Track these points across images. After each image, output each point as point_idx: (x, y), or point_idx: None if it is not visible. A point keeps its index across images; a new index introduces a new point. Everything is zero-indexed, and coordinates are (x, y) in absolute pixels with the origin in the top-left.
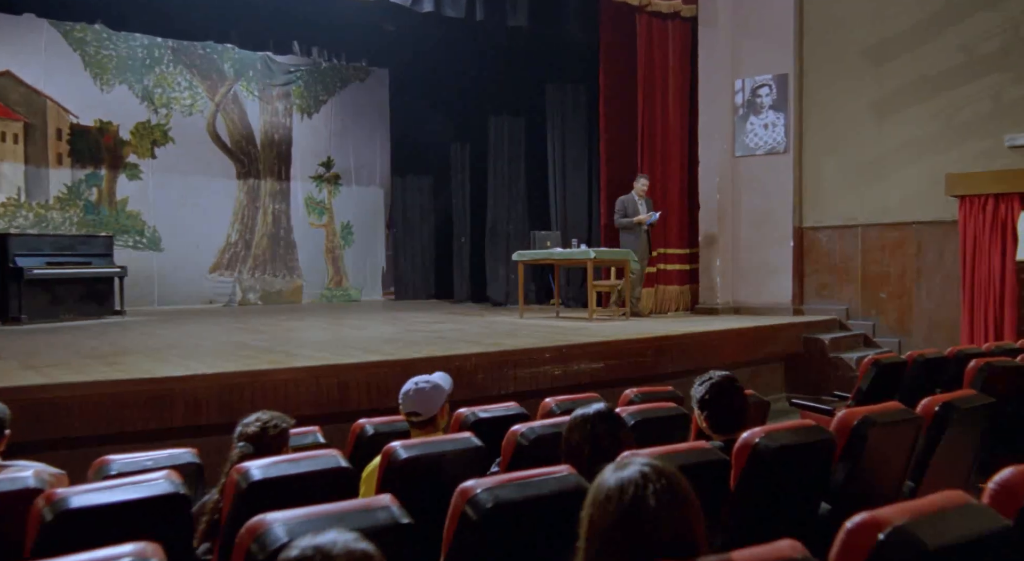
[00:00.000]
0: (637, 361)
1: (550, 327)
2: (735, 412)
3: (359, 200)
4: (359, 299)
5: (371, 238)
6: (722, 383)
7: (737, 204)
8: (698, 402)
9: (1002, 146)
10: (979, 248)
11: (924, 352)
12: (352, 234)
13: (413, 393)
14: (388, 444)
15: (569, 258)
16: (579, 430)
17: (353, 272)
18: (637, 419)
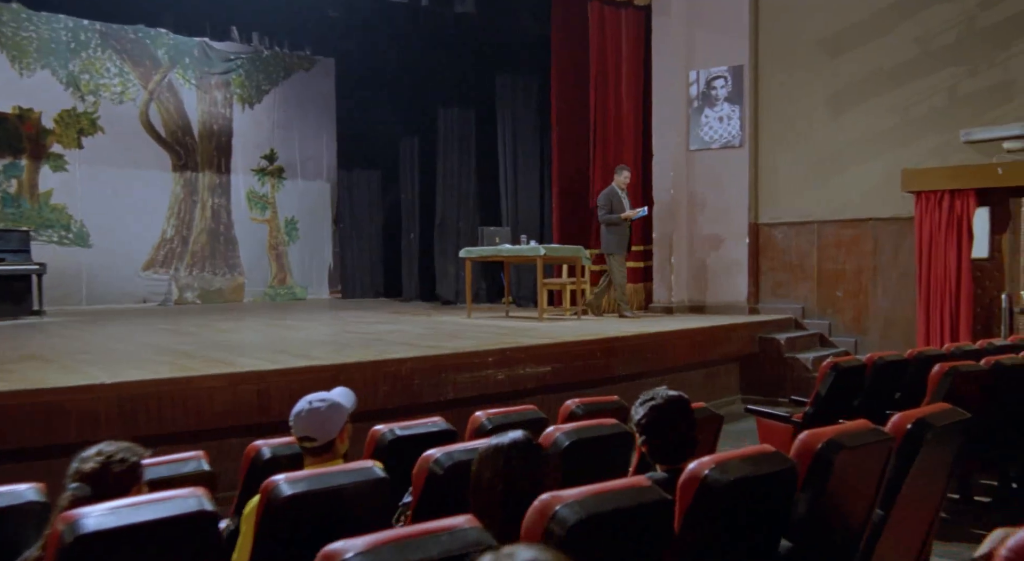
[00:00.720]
0: (586, 364)
1: (497, 328)
2: (681, 440)
3: (304, 194)
4: (304, 297)
5: (317, 234)
6: (665, 406)
7: (692, 200)
8: (638, 427)
9: (958, 141)
10: (935, 245)
11: (884, 355)
12: (297, 230)
13: (306, 414)
14: (271, 478)
15: (518, 255)
16: (490, 465)
17: (298, 269)
18: (572, 440)
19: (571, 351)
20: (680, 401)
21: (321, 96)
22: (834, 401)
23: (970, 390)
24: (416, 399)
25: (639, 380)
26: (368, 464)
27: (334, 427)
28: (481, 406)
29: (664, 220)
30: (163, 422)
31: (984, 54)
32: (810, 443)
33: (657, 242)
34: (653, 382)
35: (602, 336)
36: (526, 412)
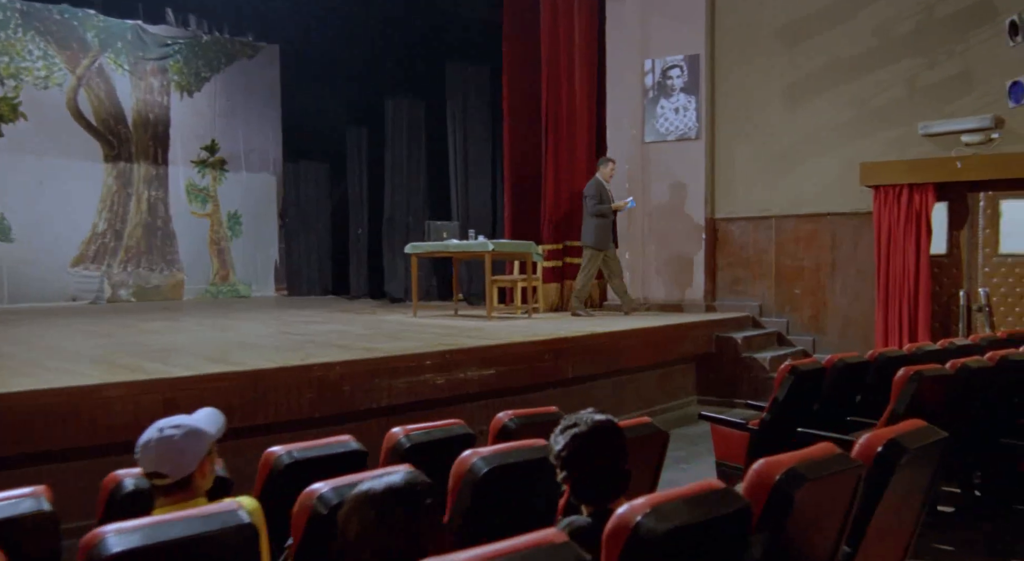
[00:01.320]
0: (533, 366)
1: (443, 327)
2: (609, 474)
3: (248, 188)
4: (249, 295)
5: (262, 229)
6: (589, 433)
7: (647, 194)
8: (557, 460)
9: (916, 134)
10: (893, 241)
11: (844, 356)
12: (240, 225)
13: (155, 444)
14: (98, 529)
15: (466, 251)
16: (358, 518)
17: (242, 266)
18: (492, 466)
19: (517, 353)
20: (607, 427)
21: (266, 85)
22: (793, 406)
23: (935, 395)
24: (347, 407)
25: (591, 382)
26: (231, 507)
27: (191, 459)
28: (419, 413)
29: (618, 215)
30: (50, 438)
31: (943, 45)
32: (766, 475)
33: None
34: (605, 385)
35: (551, 337)
36: (451, 427)
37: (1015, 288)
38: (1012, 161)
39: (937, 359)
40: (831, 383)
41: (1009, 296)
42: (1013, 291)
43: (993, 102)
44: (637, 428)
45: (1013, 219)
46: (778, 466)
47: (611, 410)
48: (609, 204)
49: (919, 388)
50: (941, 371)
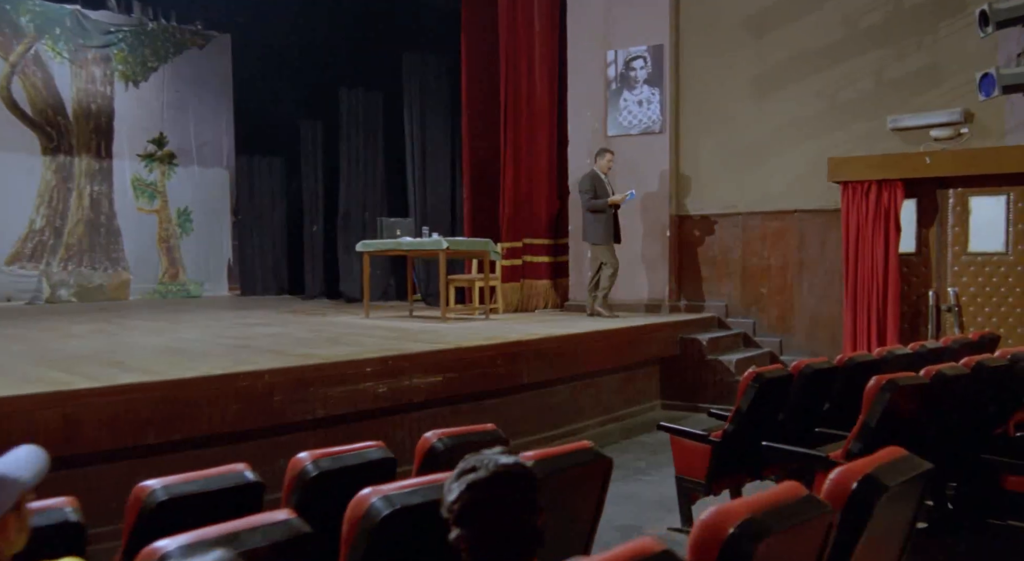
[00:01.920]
0: (486, 372)
1: (393, 330)
2: (515, 535)
3: (200, 183)
4: (199, 295)
5: (214, 226)
6: (491, 481)
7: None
8: (449, 513)
9: (885, 128)
10: (862, 239)
11: (812, 362)
12: (191, 221)
13: None
14: None
15: (419, 249)
16: None
17: (192, 264)
18: (394, 508)
19: (467, 358)
20: (514, 473)
21: (217, 75)
22: (757, 416)
23: (909, 405)
24: (277, 419)
25: (548, 388)
26: None
27: None
28: (358, 425)
29: (579, 211)
30: None
31: (912, 36)
32: (718, 528)
33: (573, 235)
34: (563, 390)
35: (505, 340)
36: (366, 452)
37: (984, 287)
38: (981, 156)
39: (909, 364)
40: (798, 391)
41: (978, 296)
42: (982, 290)
43: (963, 95)
44: (575, 455)
45: (982, 216)
46: (731, 516)
47: (570, 417)
48: (606, 198)
49: (892, 398)
50: (915, 380)
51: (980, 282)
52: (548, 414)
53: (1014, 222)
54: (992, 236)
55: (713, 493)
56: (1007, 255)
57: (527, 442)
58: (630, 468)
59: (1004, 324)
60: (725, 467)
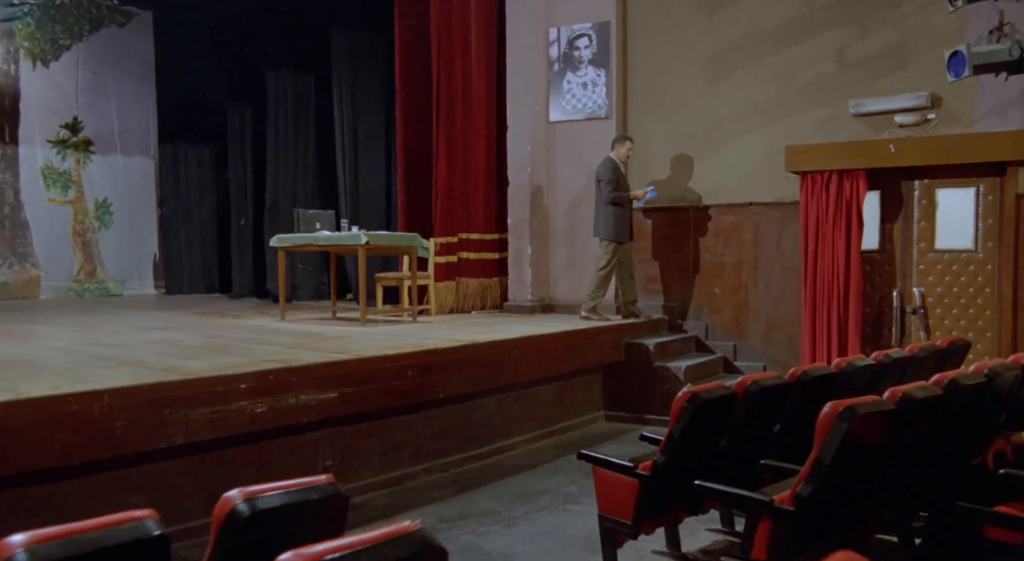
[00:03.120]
0: (392, 386)
1: (302, 335)
2: None
3: (122, 172)
4: (120, 293)
5: (138, 219)
6: None
7: (553, 180)
8: None
9: (847, 113)
10: (822, 234)
11: (759, 378)
12: (111, 214)
13: None
14: None
15: (337, 244)
16: None
17: (113, 261)
18: None
19: (369, 370)
20: None
21: (139, 57)
22: (693, 443)
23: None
24: (120, 448)
25: (471, 401)
26: None
27: None
28: (227, 451)
29: (520, 203)
30: None
31: (875, 12)
32: None
33: (513, 230)
34: (489, 404)
35: (417, 349)
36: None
37: (951, 288)
38: (950, 144)
39: (871, 379)
40: (743, 413)
41: (945, 297)
42: (949, 291)
43: (931, 77)
44: (396, 544)
45: (950, 210)
46: None
47: (496, 433)
48: (627, 191)
49: (850, 429)
50: (878, 405)
51: (947, 282)
52: (470, 431)
53: (983, 217)
54: (960, 232)
55: (644, 532)
56: (976, 253)
57: (444, 463)
58: (558, 495)
59: (973, 327)
60: (656, 504)
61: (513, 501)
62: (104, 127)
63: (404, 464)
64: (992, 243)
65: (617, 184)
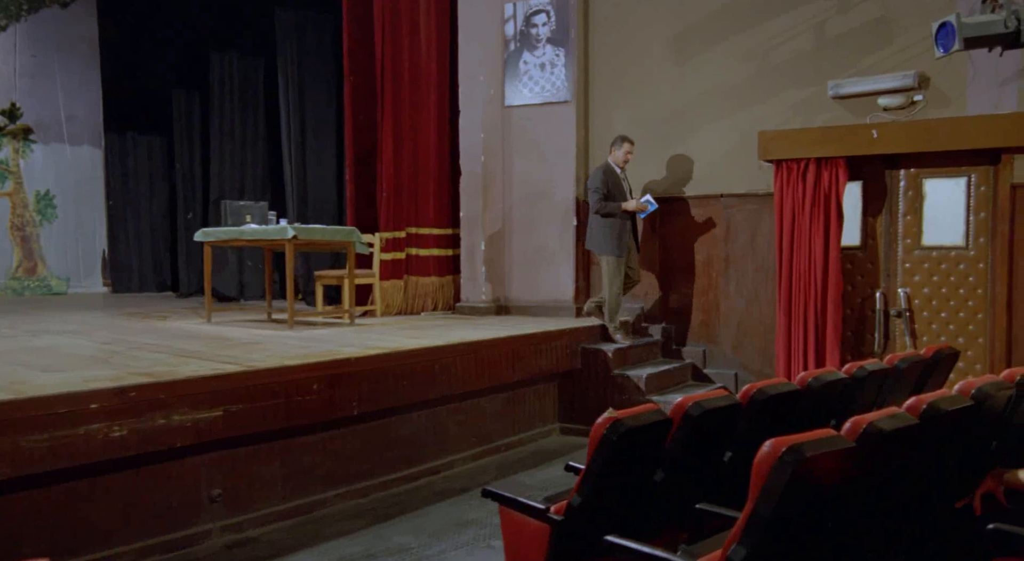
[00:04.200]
0: (292, 401)
1: (210, 340)
2: None
3: (68, 163)
4: (64, 291)
5: (84, 213)
6: None
7: (509, 170)
8: None
9: (825, 96)
10: (798, 229)
11: (702, 400)
12: (54, 207)
13: None
14: None
15: (263, 238)
16: None
17: (56, 257)
18: None
19: (263, 384)
20: None
21: (85, 40)
22: (617, 479)
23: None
24: None
25: (397, 416)
26: None
27: None
28: (79, 482)
29: (473, 195)
30: None
31: None
32: None
33: (465, 224)
34: (419, 419)
35: (324, 358)
36: None
37: (940, 288)
38: (938, 130)
39: (840, 397)
40: (682, 441)
41: (933, 298)
42: (938, 292)
43: (917, 55)
44: None
45: (938, 203)
46: None
47: (429, 451)
48: (620, 201)
49: (796, 474)
50: (833, 443)
51: (935, 282)
52: (397, 450)
53: (975, 210)
54: (950, 227)
55: None
56: (967, 250)
57: (364, 487)
58: (486, 526)
59: (963, 332)
60: (572, 555)
61: (433, 534)
62: (47, 114)
63: (314, 490)
64: (984, 239)
65: (607, 192)
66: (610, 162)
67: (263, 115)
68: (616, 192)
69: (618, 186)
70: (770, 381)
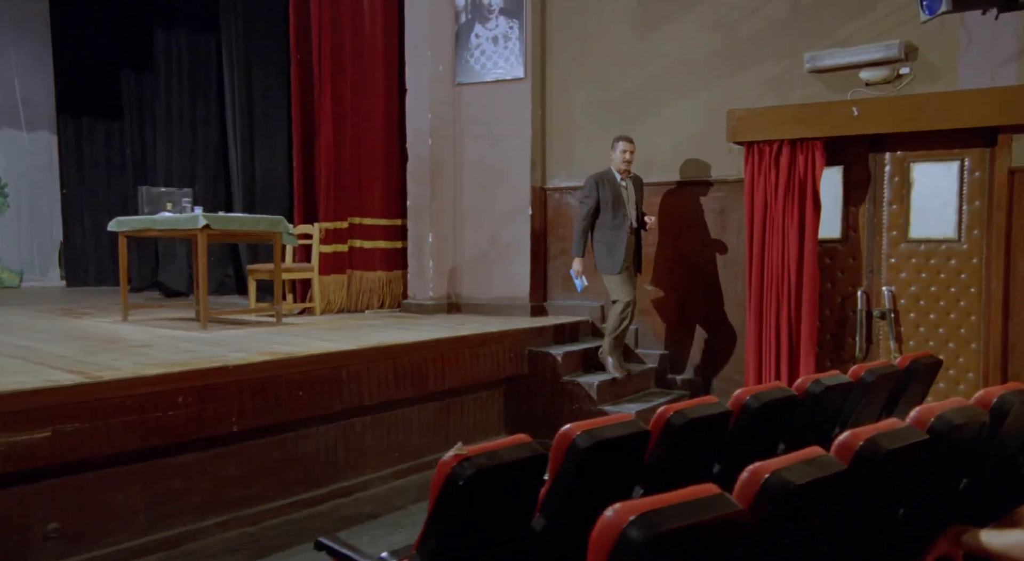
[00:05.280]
0: (151, 419)
1: (94, 342)
2: None
3: (21, 150)
4: (16, 286)
5: (39, 202)
6: None
7: (459, 154)
8: None
9: (801, 69)
10: (770, 220)
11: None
12: (5, 196)
13: None
14: None
15: (174, 228)
16: None
17: (9, 249)
18: None
19: (107, 398)
20: None
21: (37, 18)
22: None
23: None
24: None
25: (287, 433)
26: None
27: None
28: None
29: (420, 182)
30: None
31: None
32: None
33: (412, 213)
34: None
35: (198, 367)
36: None
37: (929, 286)
38: (927, 106)
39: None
40: (564, 481)
41: (921, 297)
42: (926, 290)
43: (904, 22)
44: None
45: (928, 190)
46: None
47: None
48: (610, 213)
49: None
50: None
51: (924, 279)
52: (297, 469)
53: (968, 198)
54: (940, 217)
55: None
56: (959, 243)
57: (252, 514)
58: None
59: (954, 336)
60: None
61: None
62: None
63: (186, 519)
64: (979, 231)
65: (594, 203)
66: (611, 168)
67: (215, 98)
68: (614, 202)
69: (617, 195)
70: (693, 402)
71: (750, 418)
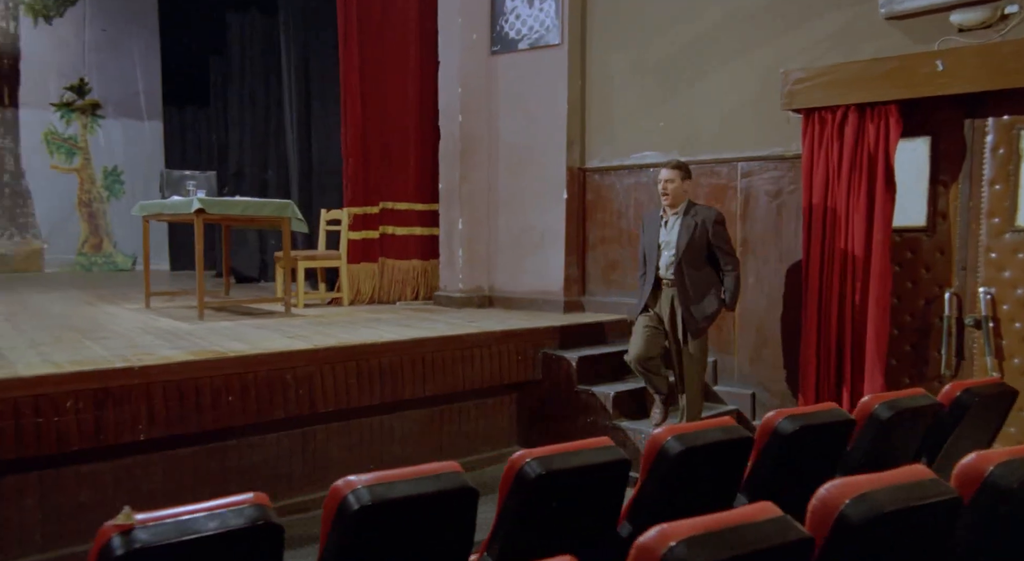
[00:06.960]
0: (28, 424)
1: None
2: None
3: (134, 138)
4: (129, 268)
5: (152, 188)
6: None
7: (494, 132)
8: None
9: (875, 15)
10: (834, 203)
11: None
12: (122, 183)
13: None
14: None
15: (176, 212)
16: None
17: (123, 233)
18: None
19: None
20: None
21: (148, 11)
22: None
23: None
24: None
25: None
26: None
27: None
28: None
29: (450, 163)
30: None
31: None
32: None
33: (443, 197)
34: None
35: (95, 368)
36: None
37: None
38: None
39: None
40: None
41: None
42: None
43: None
44: None
45: None
46: None
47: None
48: (642, 259)
49: None
50: None
51: None
52: (240, 481)
53: None
54: None
55: None
56: None
57: None
58: None
59: None
60: None
61: None
62: (115, 89)
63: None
64: None
65: (642, 248)
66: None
67: (277, 82)
68: (647, 245)
69: (652, 231)
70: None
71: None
